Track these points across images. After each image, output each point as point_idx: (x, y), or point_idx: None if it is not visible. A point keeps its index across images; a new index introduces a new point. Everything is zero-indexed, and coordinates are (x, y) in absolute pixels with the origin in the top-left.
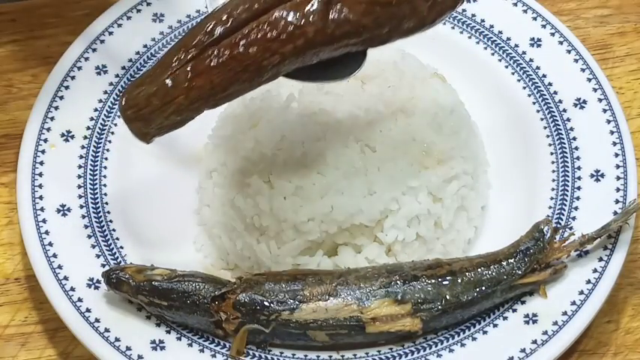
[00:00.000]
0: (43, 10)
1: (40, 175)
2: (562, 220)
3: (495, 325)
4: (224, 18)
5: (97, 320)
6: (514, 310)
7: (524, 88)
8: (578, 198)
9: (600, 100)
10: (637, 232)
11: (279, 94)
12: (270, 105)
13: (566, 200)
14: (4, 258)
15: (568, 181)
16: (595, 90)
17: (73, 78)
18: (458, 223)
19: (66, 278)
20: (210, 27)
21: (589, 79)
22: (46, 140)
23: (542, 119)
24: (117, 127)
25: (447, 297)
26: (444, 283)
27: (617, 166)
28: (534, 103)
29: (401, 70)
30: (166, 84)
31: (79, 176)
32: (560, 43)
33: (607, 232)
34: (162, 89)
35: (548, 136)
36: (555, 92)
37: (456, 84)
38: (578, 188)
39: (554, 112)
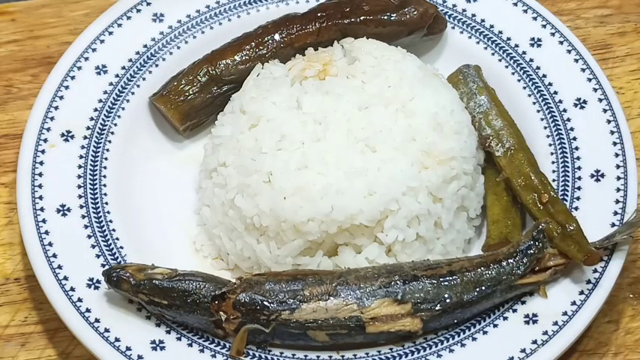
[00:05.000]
0: (43, 10)
1: (40, 175)
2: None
3: (495, 325)
4: None
5: (97, 320)
6: (514, 311)
7: (525, 88)
8: (578, 198)
9: (600, 100)
10: (637, 232)
11: (279, 94)
12: (270, 105)
13: (566, 200)
14: (4, 258)
15: (568, 181)
16: (595, 90)
17: (73, 78)
18: (458, 223)
19: (66, 278)
20: None
21: (589, 79)
22: (46, 140)
23: (542, 119)
24: (117, 127)
25: (447, 297)
26: (444, 283)
27: (618, 166)
28: (534, 103)
29: (401, 70)
30: None
31: (79, 176)
32: (560, 43)
33: (610, 243)
34: None
35: (548, 136)
36: (555, 92)
37: None
38: (579, 188)
39: (554, 112)
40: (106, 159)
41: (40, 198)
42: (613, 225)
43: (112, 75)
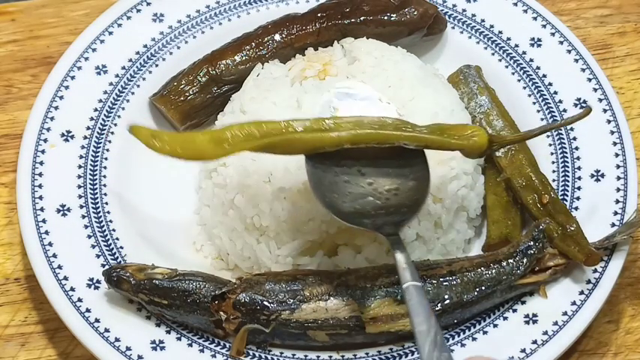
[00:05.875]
0: (43, 10)
1: (40, 175)
2: None
3: (495, 326)
4: None
5: (97, 320)
6: (514, 310)
7: (525, 88)
8: (578, 198)
9: (600, 100)
10: (637, 231)
11: (279, 94)
12: (270, 105)
13: (566, 200)
14: (4, 258)
15: (568, 181)
16: (595, 90)
17: (73, 78)
18: (458, 223)
19: (66, 278)
20: None
21: (589, 79)
22: (46, 140)
23: (542, 119)
24: (117, 127)
25: (447, 297)
26: (444, 283)
27: (617, 166)
28: (534, 103)
29: (401, 70)
30: None
31: (79, 176)
32: (560, 43)
33: (610, 243)
34: None
35: (548, 136)
36: (555, 92)
37: None
38: (579, 188)
39: (554, 112)
40: (106, 159)
41: (40, 198)
42: (613, 225)
43: (112, 75)
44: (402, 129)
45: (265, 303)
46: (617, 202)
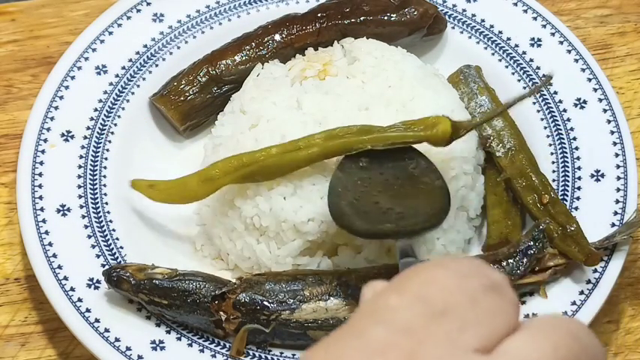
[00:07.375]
0: (43, 10)
1: (40, 175)
2: None
3: None
4: None
5: (97, 320)
6: None
7: (525, 88)
8: (578, 198)
9: (600, 100)
10: (637, 231)
11: (279, 94)
12: (270, 105)
13: (566, 200)
14: (4, 258)
15: (568, 181)
16: (595, 90)
17: (73, 78)
18: (458, 223)
19: (66, 278)
20: None
21: (589, 79)
22: (46, 140)
23: (542, 119)
24: (117, 127)
25: None
26: None
27: (618, 166)
28: (534, 103)
29: (401, 70)
30: None
31: (79, 176)
32: (560, 43)
33: (610, 243)
34: None
35: (548, 136)
36: (555, 92)
37: None
38: (579, 188)
39: (554, 112)
40: (106, 159)
41: (40, 198)
42: (613, 225)
43: (112, 75)
44: (365, 133)
45: (265, 303)
46: (617, 202)
